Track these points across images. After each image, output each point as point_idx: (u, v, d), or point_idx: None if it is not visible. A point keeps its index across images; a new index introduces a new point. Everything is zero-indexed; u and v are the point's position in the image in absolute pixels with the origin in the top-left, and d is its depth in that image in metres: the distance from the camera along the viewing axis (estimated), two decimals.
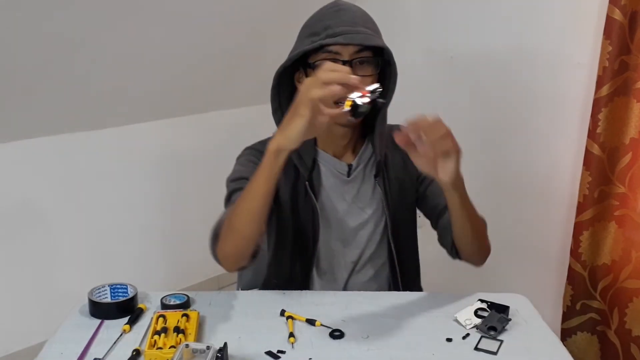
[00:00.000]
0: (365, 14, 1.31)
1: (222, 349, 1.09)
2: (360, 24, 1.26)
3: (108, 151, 2.52)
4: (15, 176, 2.30)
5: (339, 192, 1.41)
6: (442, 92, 2.54)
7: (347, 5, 1.31)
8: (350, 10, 1.29)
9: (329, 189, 1.41)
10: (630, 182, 1.98)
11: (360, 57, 1.26)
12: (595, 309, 2.14)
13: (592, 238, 2.09)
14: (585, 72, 2.08)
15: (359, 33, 1.24)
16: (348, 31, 1.24)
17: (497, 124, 2.38)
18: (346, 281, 1.47)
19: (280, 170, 1.13)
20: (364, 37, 1.24)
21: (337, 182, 1.41)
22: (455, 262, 2.82)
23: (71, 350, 1.16)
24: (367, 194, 1.42)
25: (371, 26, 1.29)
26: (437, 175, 1.15)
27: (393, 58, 1.29)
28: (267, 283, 1.52)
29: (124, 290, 1.34)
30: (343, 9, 1.28)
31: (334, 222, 1.42)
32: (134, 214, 2.59)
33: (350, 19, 1.26)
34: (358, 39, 1.23)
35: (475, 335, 1.23)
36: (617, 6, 1.87)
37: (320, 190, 1.40)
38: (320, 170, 1.40)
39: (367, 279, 1.48)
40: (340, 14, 1.27)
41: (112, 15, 2.04)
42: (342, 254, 1.45)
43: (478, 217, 1.33)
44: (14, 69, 1.99)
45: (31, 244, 2.38)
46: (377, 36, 1.28)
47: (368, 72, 1.27)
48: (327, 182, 1.41)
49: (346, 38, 1.22)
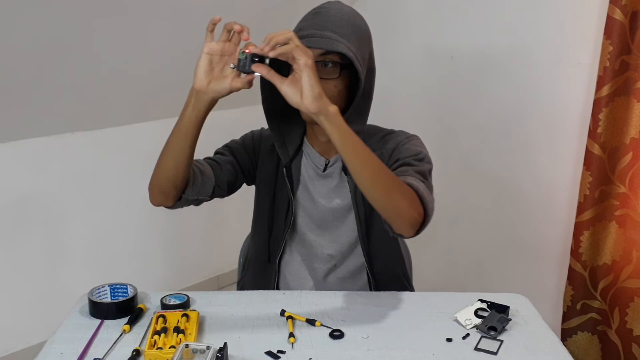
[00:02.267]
0: (343, 17, 1.29)
1: (222, 349, 1.09)
2: (330, 28, 1.26)
3: (108, 151, 2.52)
4: (16, 176, 2.30)
5: (316, 185, 1.46)
6: (442, 91, 2.54)
7: (328, 7, 1.31)
8: (328, 13, 1.29)
9: (307, 180, 1.46)
10: (630, 182, 1.98)
11: (323, 59, 1.28)
12: (596, 308, 2.14)
13: (592, 238, 2.09)
14: (586, 72, 2.08)
15: (322, 37, 1.25)
16: (313, 34, 1.26)
17: (497, 124, 2.38)
18: (326, 274, 1.49)
19: (194, 111, 1.20)
20: (326, 41, 1.25)
21: (315, 175, 1.46)
22: (455, 262, 2.83)
23: (71, 350, 1.16)
24: (341, 191, 1.44)
25: (344, 30, 1.27)
26: (304, 104, 1.09)
27: (357, 64, 1.26)
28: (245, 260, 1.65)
29: (123, 290, 1.34)
30: (321, 11, 1.30)
31: (310, 212, 1.47)
32: (134, 214, 2.59)
33: (320, 23, 1.27)
34: (320, 43, 1.25)
35: (475, 335, 1.23)
36: (617, 6, 1.87)
37: (300, 180, 1.46)
38: (302, 161, 1.46)
39: (348, 277, 1.50)
40: (316, 16, 1.30)
41: (112, 15, 2.04)
42: (319, 244, 1.48)
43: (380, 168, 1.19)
44: (13, 69, 1.99)
45: (31, 244, 2.38)
46: (343, 41, 1.25)
47: (330, 76, 1.29)
48: (305, 173, 1.46)
49: (309, 42, 1.24)
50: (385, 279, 1.49)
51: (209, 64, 1.16)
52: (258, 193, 1.53)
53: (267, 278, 1.54)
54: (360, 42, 1.28)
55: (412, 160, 1.33)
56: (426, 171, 1.32)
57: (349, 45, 1.25)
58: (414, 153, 1.35)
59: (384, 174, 1.19)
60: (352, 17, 1.30)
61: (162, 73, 2.40)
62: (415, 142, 1.40)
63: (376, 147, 1.40)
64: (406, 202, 1.20)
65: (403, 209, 1.20)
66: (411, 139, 1.40)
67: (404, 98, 2.67)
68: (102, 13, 2.00)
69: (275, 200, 1.48)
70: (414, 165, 1.32)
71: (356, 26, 1.29)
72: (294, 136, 1.44)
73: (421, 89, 2.61)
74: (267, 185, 1.49)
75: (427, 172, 1.33)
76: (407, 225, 1.23)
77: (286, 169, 1.45)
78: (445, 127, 2.55)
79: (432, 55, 2.53)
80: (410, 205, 1.21)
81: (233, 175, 1.46)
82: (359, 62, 1.26)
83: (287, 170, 1.45)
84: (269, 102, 1.38)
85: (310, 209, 1.47)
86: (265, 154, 1.49)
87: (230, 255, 2.11)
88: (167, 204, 1.35)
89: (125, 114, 2.51)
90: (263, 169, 1.48)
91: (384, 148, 1.40)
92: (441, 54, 2.49)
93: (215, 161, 1.45)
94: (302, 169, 1.46)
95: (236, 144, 1.51)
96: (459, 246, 2.60)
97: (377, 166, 1.18)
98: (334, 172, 1.44)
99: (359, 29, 1.29)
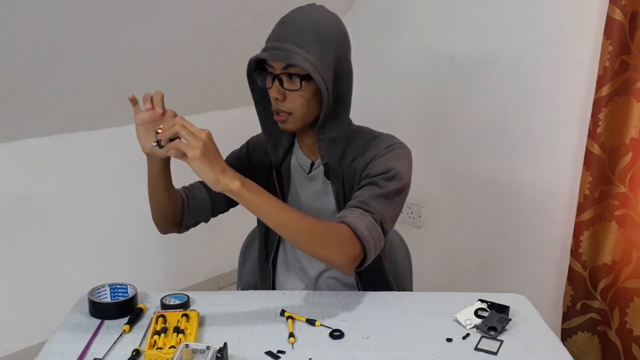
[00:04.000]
0: (308, 26, 1.27)
1: (222, 349, 1.09)
2: (291, 39, 1.26)
3: (108, 151, 2.52)
4: (15, 176, 2.30)
5: (303, 188, 1.47)
6: (442, 91, 2.54)
7: (295, 15, 1.30)
8: (292, 22, 1.28)
9: (296, 182, 1.48)
10: (630, 182, 1.98)
11: (287, 72, 1.28)
12: (596, 309, 2.14)
13: (592, 238, 2.09)
14: (586, 72, 2.08)
15: (282, 50, 1.25)
16: (274, 47, 1.27)
17: (497, 124, 2.38)
18: (318, 275, 1.51)
19: (153, 167, 1.31)
20: (285, 54, 1.25)
21: (302, 178, 1.47)
22: (455, 262, 2.83)
23: (71, 350, 1.16)
24: (325, 196, 1.45)
25: (305, 40, 1.25)
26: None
27: (317, 75, 1.25)
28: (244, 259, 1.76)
29: (123, 290, 1.34)
30: (286, 21, 1.30)
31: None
32: (133, 214, 2.59)
33: (282, 34, 1.27)
34: (280, 56, 1.26)
35: (475, 335, 1.23)
36: (617, 6, 1.87)
37: (290, 181, 1.48)
38: (291, 163, 1.48)
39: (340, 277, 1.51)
40: (280, 27, 1.30)
41: (112, 16, 2.04)
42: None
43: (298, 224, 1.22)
44: (13, 69, 2.00)
45: (31, 244, 2.38)
46: (302, 52, 1.24)
47: (293, 87, 1.30)
48: (294, 175, 1.48)
49: (271, 54, 1.27)
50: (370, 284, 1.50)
51: (145, 132, 1.26)
52: None
53: (264, 277, 1.57)
54: (323, 50, 1.26)
55: (380, 180, 1.33)
56: (391, 192, 1.32)
57: (307, 56, 1.24)
58: (384, 170, 1.33)
59: (303, 229, 1.23)
60: (319, 24, 1.28)
61: (162, 73, 2.40)
62: (394, 154, 1.37)
63: (359, 150, 1.39)
64: (333, 249, 1.24)
65: (330, 256, 1.25)
66: (392, 149, 1.38)
67: (404, 98, 2.68)
68: (102, 13, 2.00)
69: None
70: (380, 186, 1.32)
71: (320, 34, 1.27)
72: (285, 138, 1.46)
73: (421, 89, 2.61)
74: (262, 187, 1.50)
75: (392, 193, 1.32)
76: (342, 266, 1.28)
77: (276, 172, 1.47)
78: (445, 127, 2.55)
79: (432, 55, 2.53)
80: (340, 250, 1.24)
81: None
82: (318, 72, 1.25)
83: (277, 173, 1.47)
84: (261, 105, 1.40)
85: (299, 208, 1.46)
86: (260, 159, 1.52)
87: (230, 255, 2.11)
88: (173, 231, 1.48)
89: (125, 114, 2.49)
90: (259, 173, 1.51)
91: (365, 154, 1.38)
92: (441, 54, 2.49)
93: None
94: (291, 171, 1.48)
95: (231, 157, 1.56)
96: (459, 246, 2.60)
97: (294, 224, 1.22)
98: (319, 175, 1.44)
99: (323, 37, 1.27)
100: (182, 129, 1.13)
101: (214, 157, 1.14)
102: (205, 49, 2.46)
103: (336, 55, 1.30)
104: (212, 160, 1.13)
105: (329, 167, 1.39)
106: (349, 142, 1.40)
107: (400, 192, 1.34)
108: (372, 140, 1.40)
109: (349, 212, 1.28)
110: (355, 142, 1.41)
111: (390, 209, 1.33)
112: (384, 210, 1.31)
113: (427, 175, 2.53)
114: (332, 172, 1.39)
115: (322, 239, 1.24)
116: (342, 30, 1.33)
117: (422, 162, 2.60)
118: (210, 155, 1.13)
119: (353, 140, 1.41)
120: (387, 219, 1.31)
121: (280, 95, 1.30)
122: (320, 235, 1.24)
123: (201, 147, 1.11)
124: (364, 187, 1.34)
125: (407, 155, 1.39)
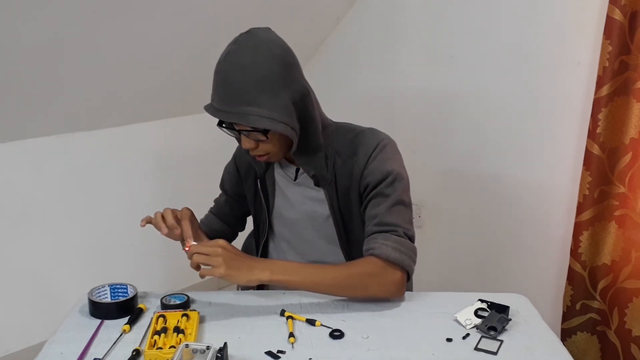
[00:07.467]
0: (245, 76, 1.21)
1: (222, 349, 1.09)
2: (235, 100, 1.22)
3: (108, 151, 2.52)
4: (15, 176, 2.30)
5: (292, 192, 1.47)
6: (442, 91, 2.54)
7: (227, 64, 1.24)
8: (227, 77, 1.23)
9: (283, 187, 1.48)
10: (630, 182, 1.98)
11: (244, 129, 1.27)
12: (595, 309, 2.14)
13: (592, 238, 2.09)
14: (585, 72, 2.08)
15: (231, 113, 1.23)
16: (222, 108, 1.24)
17: (497, 124, 2.38)
18: None
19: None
20: (237, 117, 1.23)
21: (287, 184, 1.47)
22: (455, 262, 2.83)
23: (71, 350, 1.16)
24: (318, 200, 1.44)
25: (249, 95, 1.21)
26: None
27: (277, 125, 1.23)
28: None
29: (124, 290, 1.34)
30: (221, 76, 1.24)
31: (288, 220, 1.50)
32: (133, 214, 2.58)
33: (225, 96, 1.23)
34: (232, 118, 1.24)
35: (475, 335, 1.23)
36: (617, 6, 1.87)
37: (276, 188, 1.49)
38: (275, 171, 1.49)
39: None
40: (219, 85, 1.25)
41: (111, 15, 2.03)
42: (298, 252, 1.51)
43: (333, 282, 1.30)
44: (13, 69, 1.99)
45: (31, 243, 2.38)
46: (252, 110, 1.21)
47: (259, 138, 1.29)
48: (280, 181, 1.48)
49: (223, 116, 1.26)
50: None
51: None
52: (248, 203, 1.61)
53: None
54: (271, 96, 1.22)
55: (383, 188, 1.34)
56: (398, 196, 1.35)
57: (259, 112, 1.21)
58: (383, 176, 1.35)
59: (340, 284, 1.31)
60: (255, 70, 1.21)
61: (162, 73, 2.40)
62: (384, 154, 1.37)
63: (345, 150, 1.39)
64: (375, 287, 1.32)
65: (375, 294, 1.33)
66: (380, 148, 1.37)
67: (403, 98, 2.67)
68: (103, 13, 2.00)
69: (255, 209, 1.57)
70: (385, 195, 1.34)
71: (262, 81, 1.21)
72: None
73: (421, 89, 2.61)
74: (250, 196, 1.56)
75: (399, 196, 1.35)
76: (390, 295, 1.35)
77: (260, 180, 1.49)
78: (445, 127, 2.55)
79: (432, 55, 2.53)
80: (381, 285, 1.32)
81: (237, 208, 1.63)
82: (277, 120, 1.22)
83: (262, 182, 1.49)
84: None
85: (288, 216, 1.49)
86: (246, 168, 1.54)
87: None
88: None
89: (126, 114, 2.51)
90: (247, 182, 1.55)
91: (355, 157, 1.38)
92: (441, 54, 2.49)
93: (218, 209, 1.65)
94: (276, 178, 1.49)
95: (225, 174, 1.62)
96: (459, 246, 2.60)
97: (329, 282, 1.30)
98: (308, 181, 1.44)
99: (265, 82, 1.21)
100: (199, 258, 1.21)
101: (237, 263, 1.22)
102: (205, 49, 2.46)
103: (286, 88, 1.24)
104: (237, 266, 1.21)
105: (316, 177, 1.40)
106: (329, 144, 1.39)
107: (405, 191, 1.37)
108: (355, 138, 1.40)
109: (372, 243, 1.32)
110: (337, 143, 1.40)
111: (404, 213, 1.37)
112: (401, 219, 1.34)
113: (427, 175, 2.53)
114: (321, 180, 1.40)
115: (361, 284, 1.31)
116: (280, 58, 1.24)
117: (422, 162, 2.61)
118: (233, 264, 1.21)
119: (334, 141, 1.40)
120: (407, 225, 1.36)
121: (251, 145, 1.30)
122: (357, 281, 1.31)
123: (222, 262, 1.19)
124: (371, 202, 1.37)
125: (396, 149, 1.41)
